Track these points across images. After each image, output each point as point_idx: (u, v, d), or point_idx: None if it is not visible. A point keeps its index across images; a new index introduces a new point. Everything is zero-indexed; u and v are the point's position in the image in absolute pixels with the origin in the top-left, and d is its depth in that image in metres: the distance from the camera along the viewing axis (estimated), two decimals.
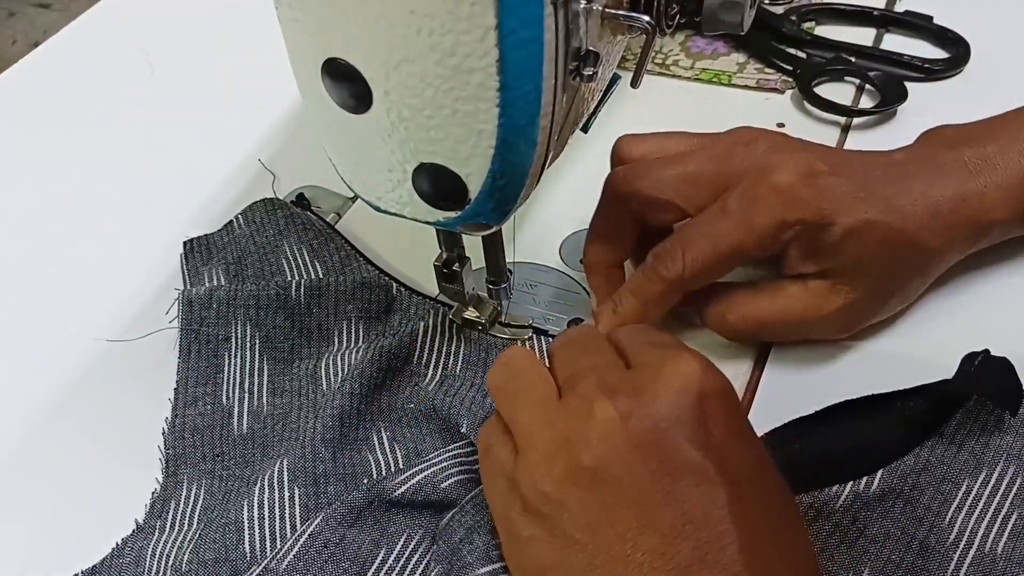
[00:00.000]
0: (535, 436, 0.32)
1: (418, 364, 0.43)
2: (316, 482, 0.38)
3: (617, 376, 0.32)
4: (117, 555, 0.38)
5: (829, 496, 0.36)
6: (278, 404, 0.43)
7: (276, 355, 0.44)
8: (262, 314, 0.44)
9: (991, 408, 0.37)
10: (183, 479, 0.41)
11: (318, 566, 0.35)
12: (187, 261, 0.49)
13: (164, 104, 0.63)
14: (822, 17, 0.62)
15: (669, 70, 0.60)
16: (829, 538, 0.35)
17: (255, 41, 0.63)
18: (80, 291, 0.50)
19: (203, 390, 0.43)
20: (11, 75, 0.67)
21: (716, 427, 0.30)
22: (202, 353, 0.44)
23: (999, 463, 0.36)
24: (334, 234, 0.49)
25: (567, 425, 0.31)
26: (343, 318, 0.45)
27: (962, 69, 0.57)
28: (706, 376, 0.31)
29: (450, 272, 0.42)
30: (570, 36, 0.30)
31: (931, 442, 0.37)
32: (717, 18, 0.36)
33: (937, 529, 0.35)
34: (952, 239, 0.41)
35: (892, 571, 0.34)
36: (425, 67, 0.29)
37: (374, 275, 0.47)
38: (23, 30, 2.11)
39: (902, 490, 0.36)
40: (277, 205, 0.50)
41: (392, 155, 0.33)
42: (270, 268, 0.48)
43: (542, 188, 0.52)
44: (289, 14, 0.32)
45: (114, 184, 0.57)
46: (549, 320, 0.46)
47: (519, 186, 0.33)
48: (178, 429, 0.42)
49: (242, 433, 0.42)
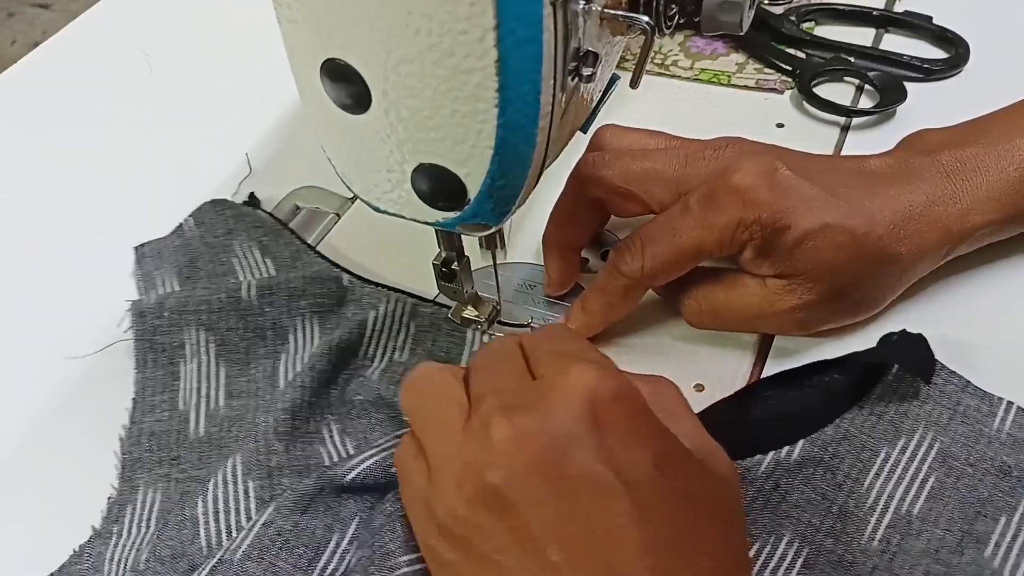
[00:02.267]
0: (446, 460, 0.32)
1: (363, 357, 0.44)
2: (270, 475, 0.39)
3: (517, 394, 0.32)
4: (75, 561, 0.38)
5: (751, 464, 0.37)
6: (234, 406, 0.43)
7: (232, 358, 0.44)
8: (214, 318, 0.44)
9: (909, 379, 0.39)
10: (139, 484, 0.41)
11: (272, 554, 0.35)
12: (139, 266, 0.49)
13: (163, 104, 0.63)
14: (821, 17, 0.62)
15: (668, 70, 0.60)
16: (752, 503, 0.37)
17: (254, 41, 0.63)
18: (73, 295, 0.50)
19: (161, 398, 0.43)
20: (10, 75, 0.67)
21: (612, 434, 0.30)
22: (158, 362, 0.44)
23: (918, 431, 0.38)
24: (284, 230, 0.50)
25: (472, 448, 0.31)
26: (297, 314, 0.45)
27: (961, 69, 0.57)
28: (600, 383, 0.31)
29: (449, 271, 0.42)
30: (569, 36, 0.30)
31: (851, 413, 0.39)
32: (716, 18, 0.36)
33: (856, 494, 0.36)
34: (923, 245, 0.40)
35: (812, 534, 0.36)
36: (424, 67, 0.29)
37: (325, 267, 0.47)
38: (22, 30, 2.11)
39: (823, 458, 0.37)
40: (226, 205, 0.51)
41: (391, 155, 0.33)
42: (222, 268, 0.48)
43: (541, 189, 0.52)
44: (288, 15, 0.32)
45: (113, 184, 0.57)
46: (548, 320, 0.46)
47: (518, 187, 0.33)
48: (135, 436, 0.42)
49: (199, 436, 0.42)
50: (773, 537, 0.36)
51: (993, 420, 0.38)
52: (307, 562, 0.35)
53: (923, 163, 0.41)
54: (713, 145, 0.42)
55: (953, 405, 0.38)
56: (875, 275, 0.41)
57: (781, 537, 0.36)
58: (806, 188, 0.39)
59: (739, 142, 0.42)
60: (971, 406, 0.38)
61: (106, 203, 0.56)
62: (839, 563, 0.35)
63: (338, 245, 0.52)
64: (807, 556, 0.35)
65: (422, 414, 0.34)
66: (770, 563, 0.35)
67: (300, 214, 0.54)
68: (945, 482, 0.37)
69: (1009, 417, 0.38)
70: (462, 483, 0.31)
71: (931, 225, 0.40)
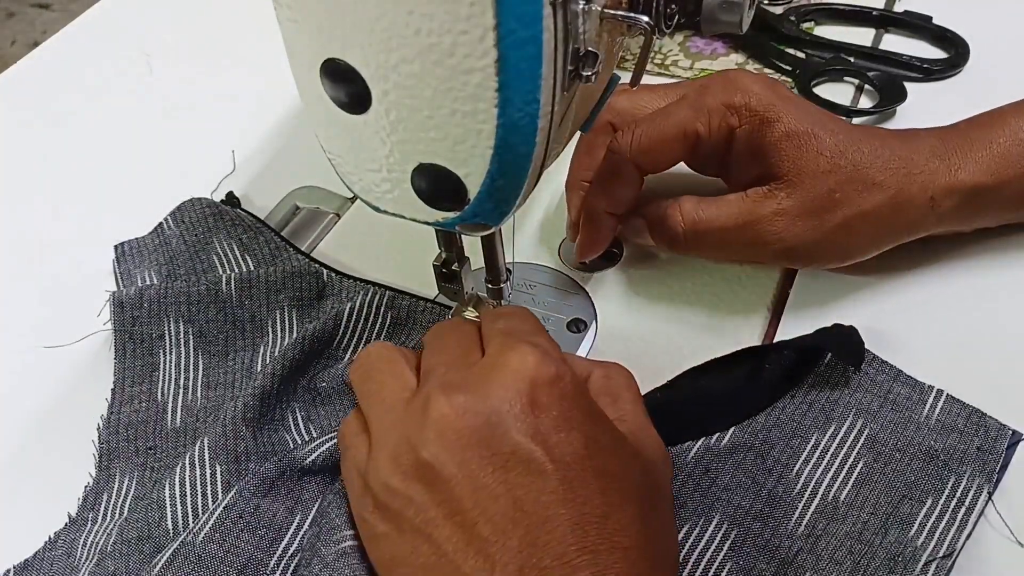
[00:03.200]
0: (385, 435, 0.33)
1: (336, 348, 0.44)
2: (237, 459, 0.39)
3: (460, 372, 0.33)
4: (49, 548, 0.39)
5: (680, 450, 0.39)
6: (211, 397, 0.44)
7: (211, 349, 0.45)
8: (194, 309, 0.45)
9: (840, 368, 0.40)
10: (115, 472, 0.41)
11: (234, 536, 0.35)
12: (119, 264, 0.50)
13: (163, 104, 0.63)
14: (821, 17, 0.62)
15: (668, 70, 0.60)
16: (683, 486, 0.38)
17: (254, 41, 0.63)
18: (66, 293, 0.50)
19: (139, 388, 0.44)
20: (10, 75, 0.67)
21: (546, 415, 0.31)
22: (137, 352, 0.45)
23: (848, 417, 0.39)
24: (263, 228, 0.50)
25: (409, 423, 0.32)
26: (275, 307, 0.45)
27: (961, 69, 0.57)
28: (539, 366, 0.32)
29: (449, 272, 0.42)
30: (569, 36, 0.30)
31: (783, 401, 0.40)
32: (716, 18, 0.36)
33: (785, 480, 0.38)
34: (907, 184, 0.41)
35: (742, 517, 0.37)
36: (424, 67, 0.29)
37: (304, 264, 0.48)
38: (22, 30, 2.11)
39: (753, 444, 0.39)
40: (205, 203, 0.51)
41: (391, 155, 0.33)
42: (201, 265, 0.48)
43: (541, 189, 0.52)
44: (288, 14, 0.32)
45: (114, 183, 0.57)
46: (549, 320, 0.46)
47: (518, 187, 0.33)
48: (113, 425, 0.43)
49: (175, 427, 0.43)
50: (703, 519, 0.37)
51: (923, 408, 0.39)
52: (268, 543, 0.36)
53: (921, 132, 0.43)
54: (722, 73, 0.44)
55: (884, 393, 0.40)
56: (855, 198, 0.41)
57: (711, 519, 0.37)
58: (801, 100, 0.42)
59: None
60: (901, 394, 0.40)
61: (106, 202, 0.56)
62: (765, 547, 0.36)
63: (338, 245, 0.52)
64: (735, 538, 0.36)
65: (366, 389, 0.36)
66: (699, 544, 0.36)
67: (300, 214, 0.54)
68: (873, 467, 0.38)
69: (939, 404, 0.39)
70: (397, 456, 0.32)
71: (916, 166, 0.41)
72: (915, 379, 0.40)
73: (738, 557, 0.36)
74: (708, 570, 0.36)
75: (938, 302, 0.45)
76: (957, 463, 0.37)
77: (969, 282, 0.45)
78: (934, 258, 0.46)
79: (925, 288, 0.45)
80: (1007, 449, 0.38)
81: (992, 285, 0.45)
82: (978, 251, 0.46)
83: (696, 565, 0.36)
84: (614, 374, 0.37)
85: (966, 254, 0.46)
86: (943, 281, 0.46)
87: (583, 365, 0.38)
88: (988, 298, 0.45)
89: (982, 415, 0.39)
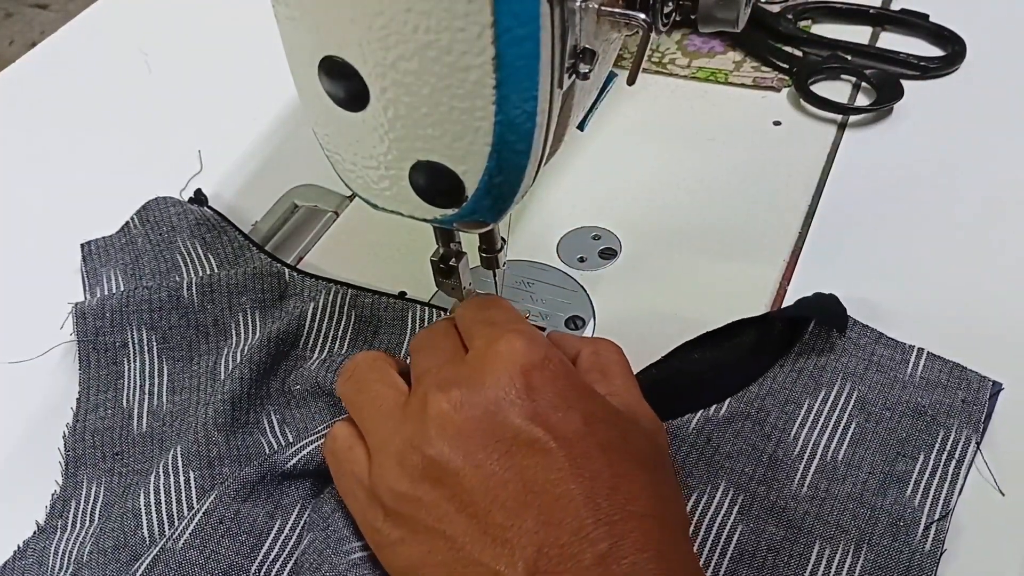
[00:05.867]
0: (386, 442, 0.33)
1: (303, 348, 0.44)
2: (211, 464, 0.39)
3: (452, 369, 0.34)
4: (19, 557, 0.38)
5: (681, 423, 0.39)
6: (177, 401, 0.44)
7: (175, 355, 0.45)
8: (156, 316, 0.45)
9: (824, 335, 0.42)
10: (83, 479, 0.41)
11: (215, 541, 0.35)
12: (85, 264, 0.50)
13: (162, 103, 0.63)
14: (818, 15, 0.62)
15: (666, 68, 0.60)
16: (687, 457, 0.39)
17: (252, 40, 0.63)
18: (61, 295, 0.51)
19: (104, 396, 0.44)
20: (8, 75, 0.67)
21: (542, 396, 0.32)
22: (101, 362, 0.45)
23: (836, 382, 0.40)
24: (227, 226, 0.50)
25: (410, 427, 0.32)
26: (238, 310, 0.46)
27: (958, 67, 0.57)
28: (528, 351, 0.32)
29: (447, 267, 0.42)
30: (566, 34, 0.30)
31: (773, 371, 0.41)
32: (713, 15, 0.36)
33: (784, 444, 0.39)
34: None
35: (746, 482, 0.38)
36: (422, 65, 0.30)
37: (266, 264, 0.48)
38: (20, 30, 2.11)
39: (749, 412, 0.40)
40: (170, 203, 0.51)
41: (389, 152, 0.33)
42: (165, 265, 0.48)
43: (539, 186, 0.52)
44: (286, 12, 0.32)
45: (108, 182, 0.57)
46: (547, 318, 0.46)
47: (515, 184, 0.33)
48: (79, 433, 0.42)
49: (142, 432, 0.43)
50: (709, 487, 0.38)
51: (906, 367, 0.41)
52: (249, 548, 0.36)
53: None
54: None
55: (868, 356, 0.41)
56: None
57: (717, 486, 0.38)
58: None
59: None
60: (884, 355, 0.41)
61: (102, 201, 0.56)
62: (772, 509, 0.37)
63: (336, 243, 0.52)
64: (742, 503, 0.37)
65: (359, 400, 0.36)
66: (708, 511, 0.37)
67: (299, 212, 0.54)
68: (865, 427, 0.39)
69: (921, 362, 0.41)
70: (403, 460, 0.32)
71: None
72: (896, 340, 0.41)
73: (747, 520, 0.36)
74: (720, 535, 0.36)
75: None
76: (944, 416, 0.39)
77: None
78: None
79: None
80: (988, 399, 0.39)
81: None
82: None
83: (708, 531, 0.37)
84: (603, 350, 0.37)
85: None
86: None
87: (572, 343, 0.38)
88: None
89: (963, 369, 0.40)
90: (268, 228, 0.53)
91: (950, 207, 0.48)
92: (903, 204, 0.47)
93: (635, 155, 0.54)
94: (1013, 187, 0.49)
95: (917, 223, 0.48)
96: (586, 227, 0.50)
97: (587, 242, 0.50)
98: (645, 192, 0.52)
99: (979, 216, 0.48)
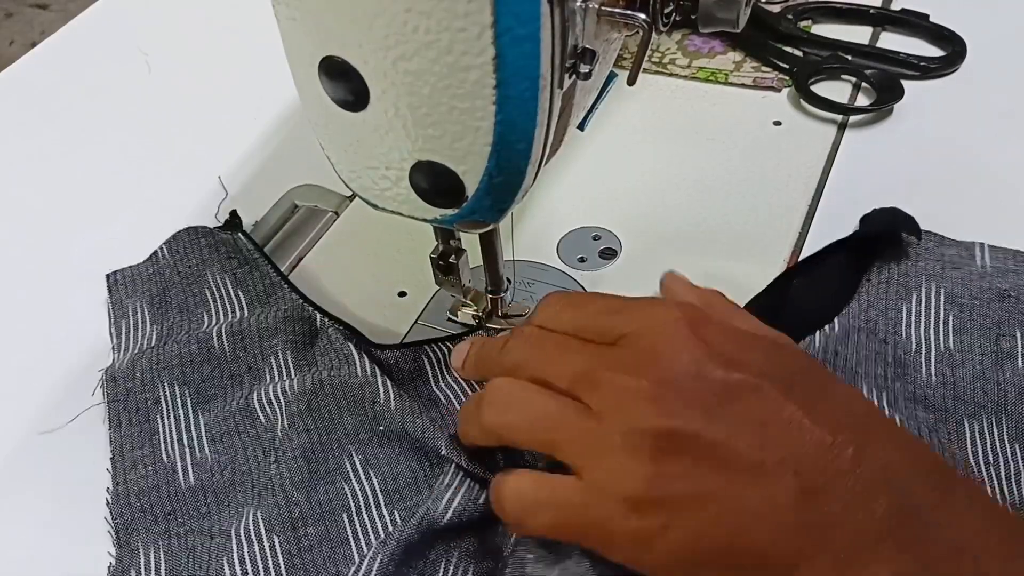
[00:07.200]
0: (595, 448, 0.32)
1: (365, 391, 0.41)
2: (294, 527, 0.37)
3: (614, 360, 0.33)
4: None
5: (805, 344, 0.41)
6: (220, 449, 0.42)
7: (210, 407, 0.43)
8: (188, 371, 0.44)
9: (901, 244, 0.45)
10: (138, 546, 0.39)
11: None
12: (111, 294, 0.49)
13: (162, 104, 0.63)
14: (818, 15, 0.62)
15: (666, 68, 0.60)
16: None
17: (252, 40, 0.63)
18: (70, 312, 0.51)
19: (141, 453, 0.42)
20: (8, 75, 0.67)
21: (722, 346, 0.32)
22: (133, 420, 0.43)
23: (923, 284, 0.43)
24: (260, 260, 0.49)
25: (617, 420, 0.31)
26: (270, 353, 0.44)
27: (958, 67, 0.57)
28: (684, 312, 0.33)
29: (447, 265, 0.42)
30: (566, 33, 0.30)
31: (863, 287, 0.44)
32: (713, 15, 0.36)
33: (900, 345, 0.41)
34: None
35: (883, 381, 0.40)
36: (422, 65, 0.30)
37: (297, 306, 0.46)
38: (20, 31, 2.11)
39: (860, 326, 0.42)
40: (201, 233, 0.50)
41: (389, 153, 0.33)
42: (194, 299, 0.47)
43: (539, 186, 0.52)
44: (286, 12, 0.32)
45: (114, 185, 0.57)
46: None
47: (516, 184, 0.33)
48: (122, 496, 0.40)
49: (190, 486, 0.40)
50: None
51: (974, 260, 0.44)
52: None
53: None
54: None
55: (939, 257, 0.44)
56: None
57: (859, 389, 0.40)
58: None
59: None
60: (952, 254, 0.44)
61: (102, 201, 0.56)
62: (915, 398, 0.40)
63: (336, 243, 0.52)
64: (887, 398, 0.39)
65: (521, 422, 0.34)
66: None
67: (299, 212, 0.54)
68: (961, 317, 0.42)
69: (986, 254, 0.44)
70: (634, 449, 0.31)
71: None
72: (956, 239, 0.45)
73: (896, 412, 0.39)
74: None
75: None
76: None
77: None
78: None
79: None
80: None
81: None
82: None
83: None
84: (714, 299, 0.39)
85: None
86: None
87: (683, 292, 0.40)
88: None
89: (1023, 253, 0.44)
90: (268, 228, 0.53)
91: (950, 207, 0.48)
92: (903, 204, 0.47)
93: (635, 155, 0.54)
94: (1013, 187, 0.50)
95: None
96: (586, 227, 0.50)
97: (587, 242, 0.50)
98: (645, 192, 0.52)
99: (979, 216, 0.48)
